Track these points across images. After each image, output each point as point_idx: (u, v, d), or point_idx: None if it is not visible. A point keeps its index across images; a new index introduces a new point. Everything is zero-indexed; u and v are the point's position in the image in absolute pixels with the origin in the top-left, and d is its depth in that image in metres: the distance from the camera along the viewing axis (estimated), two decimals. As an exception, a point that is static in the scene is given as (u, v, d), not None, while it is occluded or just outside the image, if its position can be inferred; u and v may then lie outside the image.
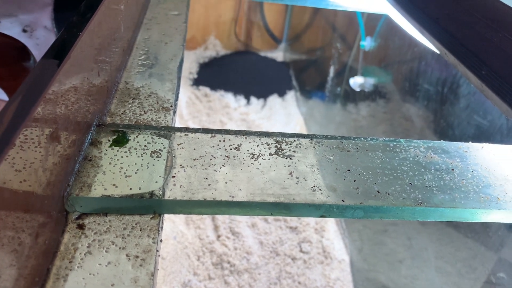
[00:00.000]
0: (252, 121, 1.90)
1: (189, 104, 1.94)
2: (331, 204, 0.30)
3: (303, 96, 2.05)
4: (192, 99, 1.98)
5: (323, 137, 0.38)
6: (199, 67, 2.19)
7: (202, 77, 2.12)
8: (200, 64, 2.22)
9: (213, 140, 0.35)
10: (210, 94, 2.01)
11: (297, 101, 2.08)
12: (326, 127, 1.78)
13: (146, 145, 0.34)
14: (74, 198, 0.28)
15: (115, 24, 0.47)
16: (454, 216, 0.32)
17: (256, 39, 2.37)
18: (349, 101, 1.55)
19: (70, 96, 0.33)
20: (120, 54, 0.47)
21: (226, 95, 2.02)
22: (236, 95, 2.03)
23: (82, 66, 0.35)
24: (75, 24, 0.38)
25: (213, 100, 1.98)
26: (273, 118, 1.94)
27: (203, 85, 2.06)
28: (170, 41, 0.55)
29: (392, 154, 0.37)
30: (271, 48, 2.39)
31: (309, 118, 1.93)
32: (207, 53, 2.30)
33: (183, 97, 1.98)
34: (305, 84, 2.10)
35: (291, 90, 2.13)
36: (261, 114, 1.96)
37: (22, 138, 0.27)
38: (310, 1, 0.74)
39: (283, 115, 1.98)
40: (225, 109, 1.95)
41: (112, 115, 0.39)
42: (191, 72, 2.15)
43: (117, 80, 0.44)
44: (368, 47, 1.21)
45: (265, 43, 2.38)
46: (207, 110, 1.92)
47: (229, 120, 1.88)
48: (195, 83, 2.07)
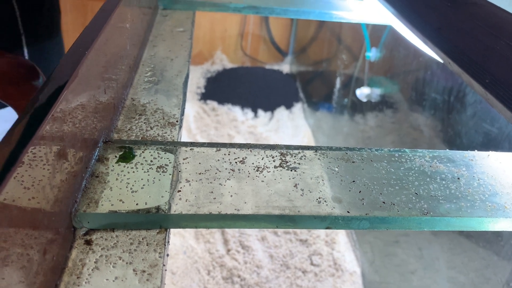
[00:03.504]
0: (260, 133, 1.91)
1: (197, 118, 1.95)
2: (336, 216, 0.30)
3: (310, 108, 2.05)
4: (200, 113, 1.99)
5: (327, 148, 0.38)
6: (206, 82, 2.21)
7: (209, 92, 2.13)
8: (208, 78, 2.24)
9: (218, 154, 0.36)
10: (217, 108, 2.03)
11: (304, 113, 2.08)
12: (334, 138, 1.78)
13: (152, 160, 0.34)
14: (82, 214, 0.29)
15: (121, 42, 0.48)
16: (461, 225, 0.32)
17: (262, 52, 2.38)
18: (356, 112, 1.55)
19: (78, 113, 0.33)
20: (127, 72, 0.48)
21: (233, 109, 2.03)
22: (243, 108, 2.04)
23: (89, 84, 0.36)
24: (82, 42, 0.39)
25: (220, 114, 1.99)
26: (280, 130, 1.95)
27: (211, 99, 2.07)
28: (176, 57, 0.56)
29: (397, 164, 0.37)
30: (277, 61, 2.41)
31: (316, 129, 1.93)
32: (214, 68, 2.32)
33: (191, 111, 1.99)
34: (312, 96, 2.11)
35: (298, 102, 2.13)
36: (269, 126, 1.97)
37: (31, 155, 0.28)
38: (314, 14, 0.75)
39: (291, 127, 1.98)
40: (233, 122, 1.96)
41: (119, 132, 0.40)
42: (199, 86, 2.17)
43: (124, 97, 0.45)
44: (374, 58, 1.21)
45: (271, 56, 2.40)
46: (215, 124, 1.93)
47: (237, 133, 1.88)
48: (202, 97, 2.09)
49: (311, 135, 1.94)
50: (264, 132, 1.91)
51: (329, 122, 1.85)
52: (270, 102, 2.11)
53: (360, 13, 0.76)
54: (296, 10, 0.74)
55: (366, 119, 1.48)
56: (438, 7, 0.58)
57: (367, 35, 1.20)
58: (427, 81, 1.02)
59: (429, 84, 1.01)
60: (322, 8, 0.75)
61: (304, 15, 0.75)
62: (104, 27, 0.42)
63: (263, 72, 2.33)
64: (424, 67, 1.03)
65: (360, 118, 1.53)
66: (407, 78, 1.14)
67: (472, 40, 0.49)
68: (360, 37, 1.35)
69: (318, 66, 2.11)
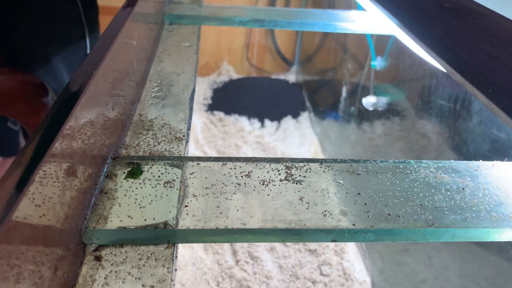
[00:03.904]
0: (267, 143, 1.91)
1: (204, 129, 1.96)
2: (342, 229, 0.31)
3: (316, 117, 2.06)
4: (207, 124, 2.00)
5: (333, 161, 0.38)
6: (213, 93, 2.22)
7: (216, 102, 2.15)
8: (214, 89, 2.25)
9: (224, 168, 0.36)
10: (224, 118, 2.04)
11: (311, 122, 2.08)
12: (341, 147, 1.78)
13: (160, 175, 0.35)
14: (91, 231, 0.29)
15: (129, 59, 0.49)
16: (466, 236, 0.32)
17: (268, 62, 2.40)
18: (363, 120, 1.55)
19: (87, 130, 0.34)
20: (134, 87, 0.49)
21: (240, 119, 2.04)
22: (250, 119, 2.05)
23: (98, 101, 0.37)
24: (91, 59, 0.39)
25: (227, 125, 2.00)
26: (287, 140, 1.95)
27: (218, 110, 2.08)
28: (182, 72, 0.56)
29: (402, 175, 0.37)
30: (283, 71, 2.42)
31: (323, 138, 1.94)
32: (220, 79, 2.34)
33: (198, 122, 2.01)
34: (318, 104, 2.11)
35: (305, 111, 2.14)
36: (276, 136, 1.97)
37: (41, 173, 0.28)
38: (318, 26, 0.75)
39: (298, 136, 1.99)
40: (240, 132, 1.97)
41: (127, 147, 0.40)
42: (206, 98, 2.18)
43: (132, 112, 0.46)
44: (379, 66, 1.21)
45: (277, 66, 2.41)
46: (222, 135, 1.94)
47: (244, 144, 1.89)
48: (209, 108, 2.10)
49: (318, 144, 1.94)
50: (271, 142, 1.92)
51: (336, 130, 1.85)
52: (277, 111, 2.12)
53: (364, 24, 0.77)
54: (300, 22, 0.75)
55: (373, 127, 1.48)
56: (441, 18, 0.58)
57: (372, 44, 1.20)
58: (433, 88, 1.02)
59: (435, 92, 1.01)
60: (326, 20, 0.76)
61: (308, 27, 0.76)
62: (112, 44, 0.43)
63: (269, 82, 2.35)
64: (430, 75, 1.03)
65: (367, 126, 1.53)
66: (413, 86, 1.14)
67: (475, 50, 0.49)
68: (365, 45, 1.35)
69: (324, 75, 2.12)
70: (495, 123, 0.79)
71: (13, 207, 0.26)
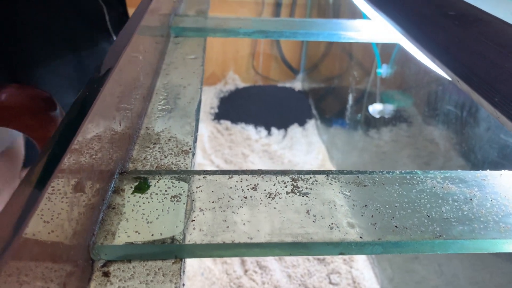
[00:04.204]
0: (274, 151, 1.91)
1: (211, 138, 1.97)
2: (349, 242, 0.31)
3: (323, 124, 2.05)
4: (214, 133, 2.01)
5: (339, 172, 0.38)
6: (219, 102, 2.23)
7: (222, 111, 2.15)
8: (221, 98, 2.26)
9: (231, 181, 0.36)
10: (231, 127, 2.04)
11: (318, 129, 2.08)
12: (349, 154, 1.78)
13: (167, 189, 0.35)
14: (99, 247, 0.30)
15: (136, 72, 0.50)
16: (475, 247, 0.32)
17: (274, 71, 2.41)
18: (370, 127, 1.55)
19: (94, 145, 0.35)
20: (141, 101, 0.49)
21: (247, 127, 2.04)
22: (257, 127, 2.05)
23: (106, 116, 0.37)
24: (98, 74, 0.40)
25: (234, 133, 2.00)
26: (294, 147, 1.95)
27: (224, 118, 2.09)
28: (188, 85, 0.57)
29: (409, 186, 0.37)
30: (289, 78, 2.43)
31: (330, 146, 1.93)
32: (226, 88, 2.35)
33: (205, 131, 2.01)
34: (325, 112, 2.11)
35: (311, 119, 2.14)
36: (283, 144, 1.97)
37: (50, 190, 0.29)
38: (323, 35, 0.76)
39: (304, 144, 1.99)
40: (247, 141, 1.97)
41: (134, 161, 0.41)
42: (212, 107, 2.19)
43: (139, 126, 0.46)
44: (385, 74, 1.21)
45: (283, 74, 2.42)
46: (229, 143, 1.94)
47: (251, 152, 1.89)
48: (216, 117, 2.11)
49: (325, 151, 1.94)
50: (278, 150, 1.92)
51: (343, 137, 1.85)
52: (283, 119, 2.12)
53: (369, 33, 0.77)
54: (305, 32, 0.75)
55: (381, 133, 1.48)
56: (446, 27, 0.58)
57: (377, 52, 1.21)
58: (439, 95, 1.02)
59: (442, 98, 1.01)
60: (331, 30, 0.77)
61: (313, 37, 0.76)
62: (119, 59, 0.43)
63: (275, 90, 2.35)
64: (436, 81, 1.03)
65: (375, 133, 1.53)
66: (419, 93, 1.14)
67: (481, 58, 0.49)
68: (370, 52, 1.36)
69: (330, 82, 2.12)
70: (503, 129, 0.79)
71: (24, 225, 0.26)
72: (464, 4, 0.68)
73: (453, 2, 0.68)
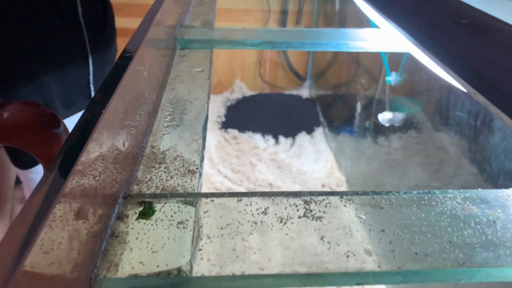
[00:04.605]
0: (282, 160, 1.89)
1: (219, 147, 1.96)
2: (366, 272, 0.29)
3: (331, 132, 2.03)
4: (221, 142, 2.00)
5: (353, 193, 0.36)
6: (226, 110, 2.22)
7: (230, 120, 2.14)
8: (228, 106, 2.25)
9: (240, 205, 0.35)
10: (238, 136, 2.03)
11: (326, 137, 2.06)
12: (358, 162, 1.75)
13: (173, 215, 0.33)
14: (102, 280, 0.28)
15: (141, 88, 0.48)
16: (501, 275, 0.30)
17: (280, 78, 2.39)
18: (379, 134, 1.52)
19: (98, 167, 0.33)
20: (146, 118, 0.48)
21: (254, 136, 2.03)
22: (264, 135, 2.03)
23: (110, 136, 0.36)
24: (103, 91, 0.39)
25: (241, 142, 1.99)
26: (302, 156, 1.93)
27: (231, 127, 2.08)
28: (195, 99, 0.55)
29: (428, 208, 0.35)
30: (296, 86, 2.41)
31: (339, 154, 1.91)
32: (233, 96, 2.34)
33: (212, 140, 2.00)
34: (332, 119, 2.09)
35: (319, 127, 2.12)
36: (291, 152, 1.96)
37: (51, 217, 0.27)
38: (331, 46, 0.74)
39: (313, 152, 1.96)
40: (254, 150, 1.95)
41: (139, 183, 0.39)
42: (219, 115, 2.18)
43: (144, 145, 0.45)
44: (394, 82, 1.19)
45: (289, 82, 2.40)
46: (236, 153, 1.93)
47: (259, 161, 1.88)
48: (223, 126, 2.10)
49: (334, 159, 1.91)
50: (286, 159, 1.90)
51: (352, 145, 1.82)
52: (291, 127, 2.10)
53: (378, 42, 0.75)
54: (313, 42, 0.74)
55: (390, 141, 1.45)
56: (460, 36, 0.56)
57: (386, 60, 1.19)
58: (451, 103, 1.00)
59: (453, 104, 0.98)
60: (339, 39, 0.75)
61: (321, 47, 0.75)
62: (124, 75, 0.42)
63: (282, 98, 2.34)
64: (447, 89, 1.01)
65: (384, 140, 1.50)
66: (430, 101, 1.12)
67: (498, 69, 0.47)
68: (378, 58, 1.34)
69: (337, 89, 2.10)
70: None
71: (23, 258, 0.25)
72: (477, 12, 0.66)
73: (465, 10, 0.66)
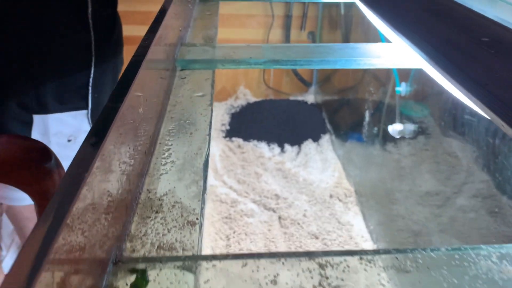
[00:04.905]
0: (288, 169, 1.85)
1: (223, 157, 1.92)
2: None
3: (338, 139, 1.99)
4: (226, 151, 1.96)
5: (374, 253, 0.32)
6: (230, 118, 2.18)
7: (234, 128, 2.10)
8: (232, 114, 2.21)
9: (245, 271, 0.30)
10: (243, 145, 1.99)
11: (333, 144, 2.02)
12: (366, 171, 1.71)
13: (169, 286, 0.29)
14: None
15: (138, 121, 0.44)
16: None
17: (285, 84, 2.35)
18: (387, 141, 1.48)
19: (86, 228, 0.29)
20: (142, 156, 0.44)
21: (259, 145, 1.98)
22: (269, 144, 1.99)
23: (101, 187, 0.32)
24: (98, 127, 0.35)
25: (246, 151, 1.95)
26: (309, 165, 1.88)
27: (236, 136, 2.04)
28: (195, 130, 0.51)
29: (460, 270, 0.31)
30: (301, 92, 2.37)
31: (347, 162, 1.86)
32: (237, 103, 2.30)
33: (217, 150, 1.96)
34: (339, 126, 2.05)
35: (326, 134, 2.07)
36: (297, 161, 1.91)
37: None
38: (340, 63, 0.70)
39: (319, 161, 1.92)
40: (260, 159, 1.91)
41: (132, 239, 0.35)
42: (223, 123, 2.14)
43: (139, 189, 0.41)
44: (404, 92, 1.15)
45: (294, 87, 2.36)
46: (241, 162, 1.89)
47: (264, 171, 1.83)
48: (227, 134, 2.06)
49: (342, 168, 1.87)
50: (292, 168, 1.86)
51: (360, 153, 1.78)
52: (297, 135, 2.06)
53: (390, 58, 0.71)
54: (321, 60, 0.70)
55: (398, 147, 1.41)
56: (480, 57, 0.52)
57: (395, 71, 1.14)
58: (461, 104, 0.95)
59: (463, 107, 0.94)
60: (349, 56, 0.71)
61: (330, 64, 0.70)
62: (121, 107, 0.38)
63: (287, 104, 2.29)
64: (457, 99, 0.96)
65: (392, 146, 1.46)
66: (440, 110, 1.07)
67: (528, 98, 0.42)
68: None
69: (343, 94, 2.05)
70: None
71: None
72: (498, 27, 0.62)
73: (486, 25, 0.62)
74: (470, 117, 0.92)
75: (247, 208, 1.64)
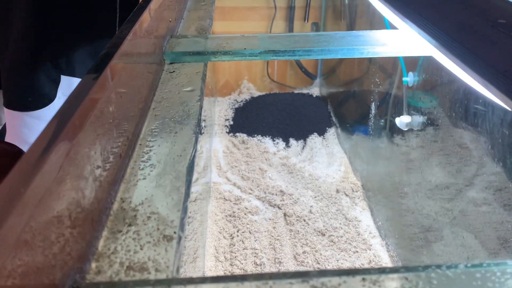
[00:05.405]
0: (293, 165, 1.80)
1: (227, 153, 1.87)
2: None
3: (344, 132, 1.93)
4: (230, 147, 1.91)
5: (378, 271, 0.27)
6: (234, 113, 2.13)
7: (238, 123, 2.05)
8: (236, 109, 2.16)
9: (226, 298, 0.26)
10: (247, 140, 1.94)
11: (339, 138, 1.96)
12: (374, 165, 1.65)
13: (133, 318, 0.24)
14: None
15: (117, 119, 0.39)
16: None
17: (289, 77, 2.30)
18: (395, 133, 1.42)
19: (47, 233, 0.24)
20: (118, 159, 0.39)
21: (264, 140, 1.93)
22: (274, 139, 1.94)
23: (68, 185, 0.27)
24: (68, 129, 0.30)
25: (251, 147, 1.90)
26: (314, 159, 1.83)
27: (240, 131, 1.99)
28: (181, 129, 0.47)
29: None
30: (306, 84, 2.31)
31: (353, 156, 1.81)
32: (241, 97, 2.25)
33: (220, 146, 1.92)
34: (345, 119, 1.99)
35: (331, 127, 2.02)
36: (302, 156, 1.86)
37: None
38: (342, 52, 0.64)
39: (325, 155, 1.87)
40: (264, 154, 1.86)
41: (99, 258, 0.30)
42: (227, 119, 2.09)
43: (111, 199, 0.36)
44: (411, 82, 1.09)
45: (299, 80, 2.30)
46: (245, 158, 1.84)
47: (269, 167, 1.78)
48: (231, 130, 2.01)
49: (348, 162, 1.81)
50: (297, 163, 1.80)
51: (366, 146, 1.72)
52: (302, 129, 2.00)
53: (396, 45, 0.66)
54: (321, 49, 0.64)
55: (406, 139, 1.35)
56: (497, 40, 0.47)
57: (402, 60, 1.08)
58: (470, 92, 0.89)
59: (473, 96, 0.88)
60: (352, 44, 0.65)
61: (331, 54, 0.65)
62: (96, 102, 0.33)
63: (292, 97, 2.24)
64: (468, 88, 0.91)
65: (400, 139, 1.40)
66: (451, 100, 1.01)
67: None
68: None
69: (349, 86, 1.99)
70: None
71: None
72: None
73: (502, 6, 0.56)
74: (483, 107, 0.86)
75: (251, 205, 1.59)
